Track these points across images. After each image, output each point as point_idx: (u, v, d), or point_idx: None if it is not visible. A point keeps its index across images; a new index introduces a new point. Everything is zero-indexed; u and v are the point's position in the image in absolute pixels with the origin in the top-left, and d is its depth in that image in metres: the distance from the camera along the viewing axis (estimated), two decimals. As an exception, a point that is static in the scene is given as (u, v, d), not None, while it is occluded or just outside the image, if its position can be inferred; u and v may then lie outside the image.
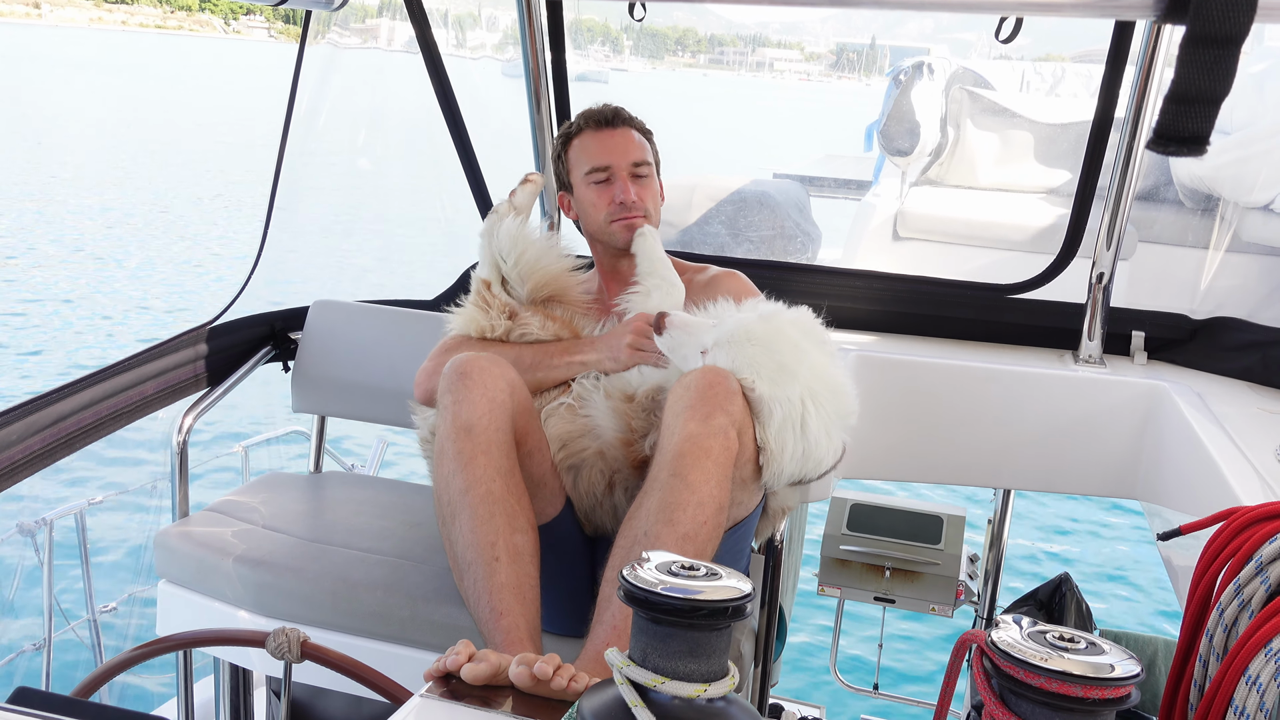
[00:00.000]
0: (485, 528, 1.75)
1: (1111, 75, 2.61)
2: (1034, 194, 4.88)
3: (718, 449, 1.70)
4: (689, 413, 1.72)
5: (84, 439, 2.31)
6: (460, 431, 1.81)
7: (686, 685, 0.96)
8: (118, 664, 1.70)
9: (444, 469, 1.82)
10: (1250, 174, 3.60)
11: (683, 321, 1.95)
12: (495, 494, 1.78)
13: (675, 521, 1.65)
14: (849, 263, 4.68)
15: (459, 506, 1.78)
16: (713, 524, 1.69)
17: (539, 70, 2.95)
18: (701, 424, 1.70)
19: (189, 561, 2.22)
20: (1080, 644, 0.97)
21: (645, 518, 1.68)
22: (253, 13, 58.64)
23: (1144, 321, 2.77)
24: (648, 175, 2.23)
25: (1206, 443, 2.11)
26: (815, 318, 1.95)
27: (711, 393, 1.74)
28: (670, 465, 1.69)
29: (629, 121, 2.25)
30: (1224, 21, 1.03)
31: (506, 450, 1.83)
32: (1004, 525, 3.35)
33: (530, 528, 1.81)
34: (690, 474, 1.67)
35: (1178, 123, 1.07)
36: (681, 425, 1.71)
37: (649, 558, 1.03)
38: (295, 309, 2.87)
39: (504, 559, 1.73)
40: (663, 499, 1.67)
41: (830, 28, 59.57)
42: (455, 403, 1.83)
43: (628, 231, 2.19)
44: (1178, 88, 1.02)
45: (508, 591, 1.71)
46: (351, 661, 1.64)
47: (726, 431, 1.72)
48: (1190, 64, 1.03)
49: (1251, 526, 1.43)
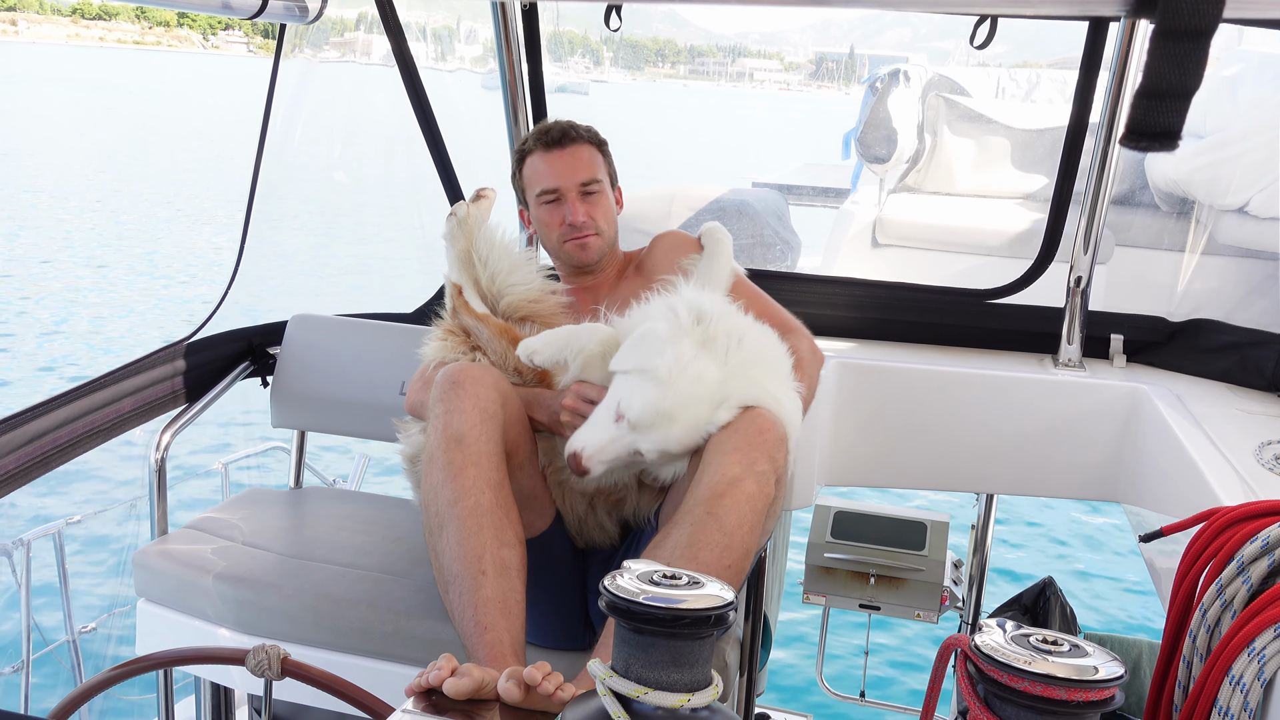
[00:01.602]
0: (473, 540, 1.73)
1: (1086, 79, 2.63)
2: (1011, 199, 4.90)
3: (756, 494, 1.69)
4: (734, 454, 1.70)
5: (60, 457, 2.28)
6: (451, 441, 1.79)
7: (670, 695, 0.96)
8: (96, 685, 1.68)
9: (433, 479, 1.80)
10: (1224, 177, 3.63)
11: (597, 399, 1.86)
12: (484, 506, 1.76)
13: (698, 559, 1.64)
14: (828, 270, 4.69)
15: (447, 518, 1.76)
16: (738, 568, 1.68)
17: (516, 82, 2.95)
18: (745, 468, 1.69)
19: (168, 580, 2.20)
20: (1064, 647, 0.97)
21: (670, 549, 1.66)
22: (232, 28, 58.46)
23: (1122, 325, 2.79)
24: (597, 192, 2.23)
25: (1186, 444, 2.12)
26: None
27: (761, 439, 1.72)
28: (706, 502, 1.67)
29: (579, 138, 2.24)
30: (1193, 15, 1.03)
31: (497, 462, 1.81)
32: (987, 530, 3.35)
33: (518, 542, 1.79)
34: (725, 515, 1.66)
35: (1149, 117, 1.07)
36: (724, 464, 1.69)
37: (631, 567, 1.02)
38: (274, 324, 2.85)
39: (490, 573, 1.72)
40: (692, 534, 1.66)
41: (809, 37, 59.89)
42: (447, 412, 1.81)
43: (580, 250, 2.22)
44: (1148, 82, 1.02)
45: (492, 606, 1.70)
46: (332, 678, 1.62)
47: (768, 479, 1.71)
48: (1160, 58, 1.04)
49: (1232, 527, 1.44)
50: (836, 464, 2.79)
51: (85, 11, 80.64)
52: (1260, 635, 1.23)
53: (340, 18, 4.09)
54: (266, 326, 2.85)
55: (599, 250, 2.24)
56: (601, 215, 2.22)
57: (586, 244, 2.21)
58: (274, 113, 2.91)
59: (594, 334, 1.89)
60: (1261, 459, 2.02)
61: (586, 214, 2.20)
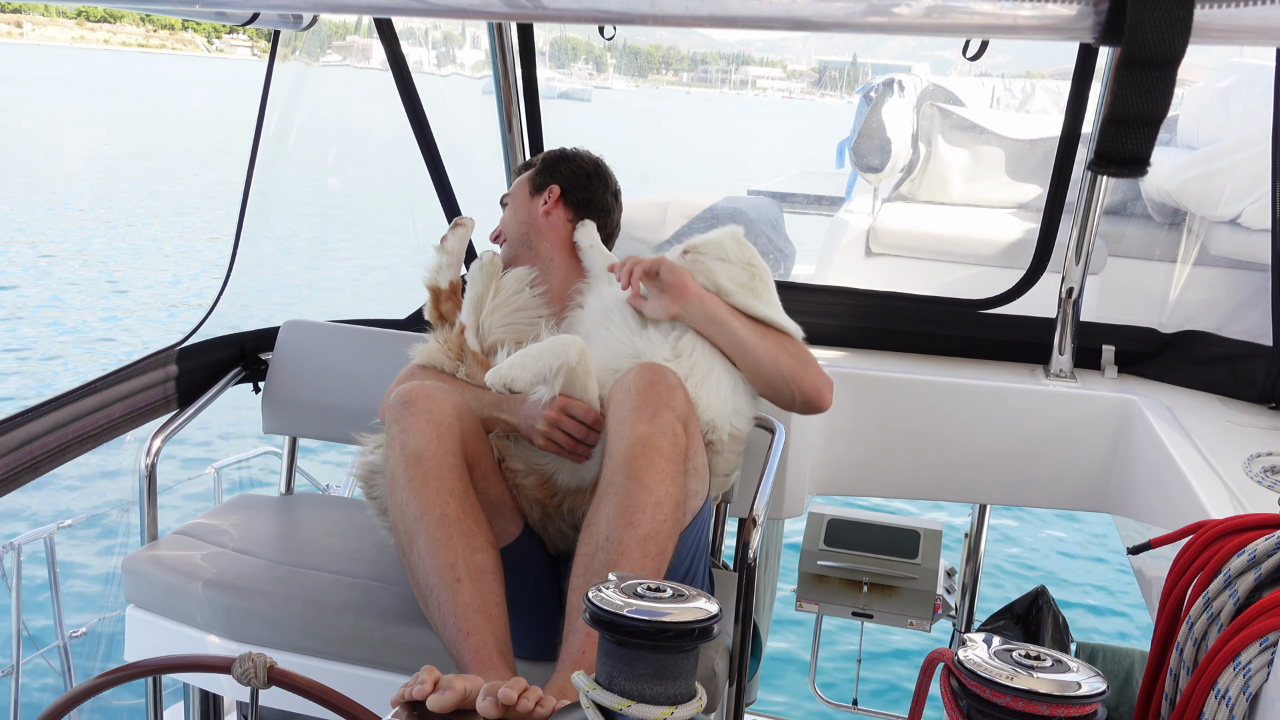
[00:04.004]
0: (443, 550, 1.75)
1: (1078, 92, 2.64)
2: (1004, 209, 4.91)
3: (668, 447, 1.73)
4: (635, 414, 1.75)
5: (50, 462, 2.28)
6: (410, 459, 1.81)
7: (653, 708, 0.96)
8: (83, 691, 1.67)
9: (397, 497, 1.82)
10: (1217, 188, 3.64)
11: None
12: (450, 516, 1.78)
13: (635, 524, 1.68)
14: (822, 279, 4.70)
15: (415, 532, 1.78)
16: (671, 521, 1.72)
17: (510, 88, 2.96)
18: (649, 424, 1.74)
19: (157, 586, 2.19)
20: (1046, 662, 0.97)
21: (605, 523, 1.70)
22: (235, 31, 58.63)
23: (1114, 335, 2.79)
24: (508, 205, 2.44)
25: (1176, 456, 2.13)
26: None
27: (653, 391, 1.77)
28: (624, 468, 1.72)
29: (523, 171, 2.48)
30: (1159, 45, 1.04)
31: (458, 473, 1.83)
32: (981, 539, 3.36)
33: (490, 546, 1.81)
34: (645, 475, 1.70)
35: (1117, 144, 1.07)
36: (630, 428, 1.74)
37: (614, 579, 1.02)
38: (266, 329, 2.85)
39: (465, 579, 1.73)
40: (620, 503, 1.70)
41: (812, 46, 60.08)
42: (402, 431, 1.84)
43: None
44: (1114, 109, 1.02)
45: (472, 610, 1.71)
46: (319, 686, 1.61)
47: (674, 428, 1.75)
48: (1126, 85, 1.04)
49: (1220, 540, 1.44)
50: (828, 473, 2.80)
51: (91, 14, 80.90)
52: (1246, 649, 1.23)
53: (342, 21, 4.10)
54: (259, 332, 2.85)
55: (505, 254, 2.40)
56: (505, 224, 2.42)
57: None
58: (268, 117, 2.92)
59: (568, 347, 1.91)
60: (1250, 472, 2.03)
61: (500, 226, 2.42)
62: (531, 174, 2.42)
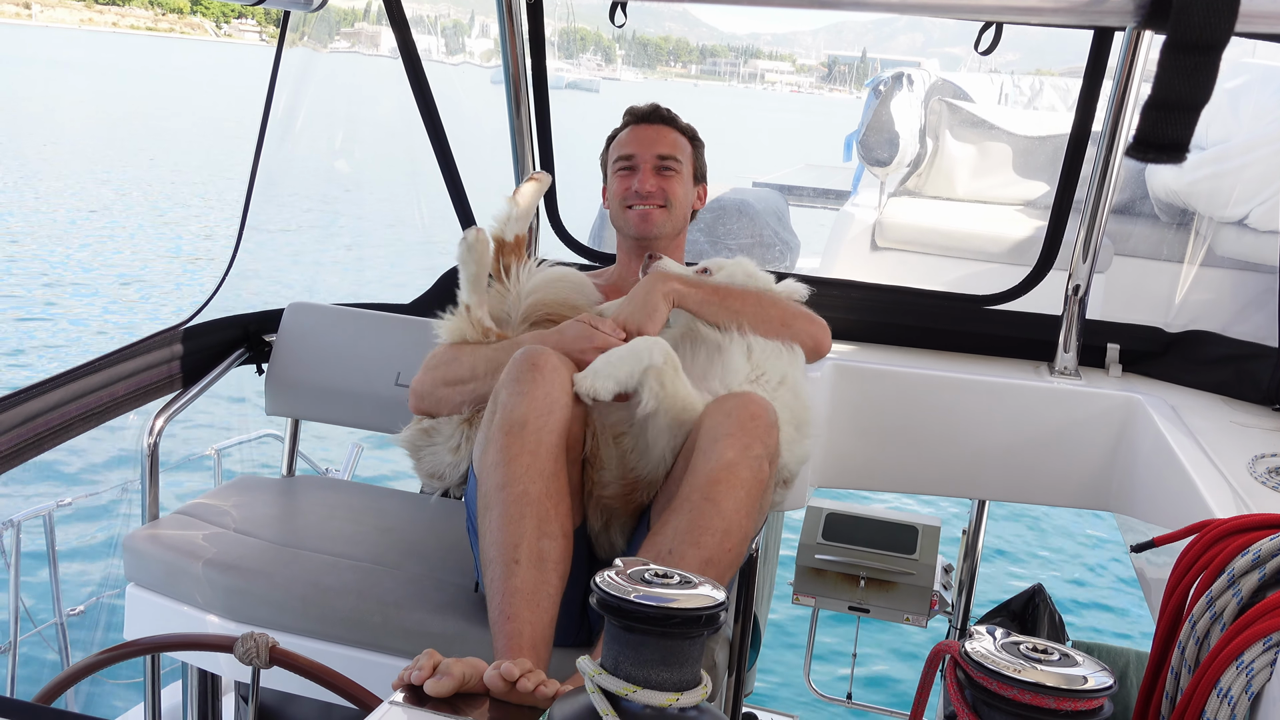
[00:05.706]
0: (512, 528, 1.72)
1: (1089, 88, 2.63)
2: (1011, 206, 4.91)
3: (750, 479, 1.73)
4: (728, 439, 1.74)
5: (53, 439, 2.27)
6: (511, 427, 1.78)
7: (658, 694, 0.96)
8: (82, 668, 1.68)
9: (487, 460, 1.80)
10: (1225, 189, 3.63)
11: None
12: (530, 495, 1.75)
13: (700, 544, 1.67)
14: (827, 272, 4.69)
15: (493, 501, 1.76)
16: (736, 552, 1.72)
17: (519, 77, 2.94)
18: (740, 453, 1.73)
19: (158, 565, 2.19)
20: (1053, 655, 0.97)
21: (671, 535, 1.69)
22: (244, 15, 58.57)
23: (1119, 334, 2.79)
24: (675, 170, 2.28)
25: (1180, 455, 2.12)
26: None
27: (753, 424, 1.76)
28: (703, 489, 1.71)
29: (667, 120, 2.32)
30: (1205, 28, 1.04)
31: (554, 454, 1.80)
32: (979, 535, 3.35)
33: (563, 535, 1.77)
34: (723, 501, 1.69)
35: (1158, 129, 1.07)
36: (720, 451, 1.73)
37: (621, 564, 1.02)
38: (270, 311, 2.84)
39: (524, 562, 1.70)
40: (692, 520, 1.69)
41: (822, 40, 60.07)
42: (510, 395, 1.80)
43: (641, 221, 2.27)
44: (1158, 94, 1.02)
45: (520, 597, 1.68)
46: (320, 667, 1.62)
47: (762, 463, 1.75)
48: (1171, 70, 1.04)
49: (1224, 539, 1.43)
50: (830, 466, 2.79)
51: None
52: (1249, 649, 1.23)
53: (351, 8, 4.09)
54: (263, 314, 2.85)
55: (660, 224, 2.27)
56: (674, 193, 2.27)
57: (648, 215, 2.26)
58: (276, 101, 2.91)
59: (652, 348, 1.86)
60: (1255, 472, 2.02)
61: (657, 185, 2.25)
62: (697, 155, 2.35)
